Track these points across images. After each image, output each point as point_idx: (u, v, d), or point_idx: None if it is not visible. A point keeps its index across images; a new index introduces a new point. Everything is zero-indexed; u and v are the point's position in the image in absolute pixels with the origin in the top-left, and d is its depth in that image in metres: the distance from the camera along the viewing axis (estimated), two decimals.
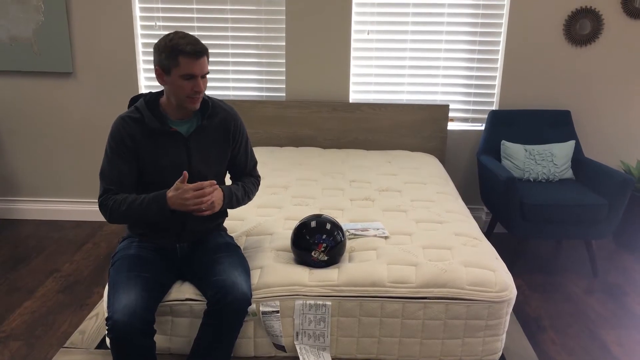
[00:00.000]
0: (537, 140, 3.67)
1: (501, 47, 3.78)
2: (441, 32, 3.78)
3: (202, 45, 1.92)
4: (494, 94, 3.88)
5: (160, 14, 3.79)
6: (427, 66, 3.84)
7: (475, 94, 3.88)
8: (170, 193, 1.91)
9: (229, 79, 3.90)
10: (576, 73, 3.76)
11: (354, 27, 3.78)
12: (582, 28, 3.67)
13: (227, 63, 3.87)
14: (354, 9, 3.74)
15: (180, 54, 1.88)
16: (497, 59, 3.81)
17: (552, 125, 3.70)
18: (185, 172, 1.90)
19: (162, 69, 1.93)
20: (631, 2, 3.60)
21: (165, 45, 1.89)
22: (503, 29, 3.75)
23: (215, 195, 1.95)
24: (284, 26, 3.76)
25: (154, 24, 3.81)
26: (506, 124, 3.70)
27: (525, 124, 3.70)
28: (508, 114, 3.72)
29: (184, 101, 1.95)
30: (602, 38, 3.68)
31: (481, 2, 3.71)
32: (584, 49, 3.72)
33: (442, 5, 3.72)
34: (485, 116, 3.88)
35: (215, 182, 1.95)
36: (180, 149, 2.03)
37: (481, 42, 3.78)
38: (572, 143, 3.57)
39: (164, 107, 2.03)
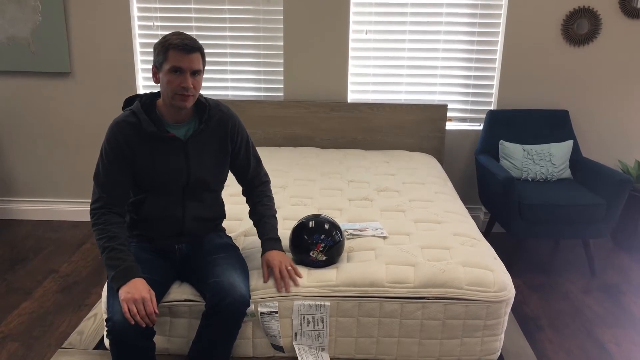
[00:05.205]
0: (535, 140, 3.67)
1: (499, 47, 3.78)
2: (439, 32, 3.78)
3: (195, 42, 1.90)
4: (492, 93, 3.88)
5: (159, 14, 3.78)
6: (425, 66, 3.84)
7: (474, 94, 3.89)
8: (125, 287, 1.78)
9: (227, 79, 3.90)
10: (574, 73, 3.77)
11: (352, 26, 3.78)
12: (580, 28, 3.67)
13: (225, 63, 3.86)
14: (352, 8, 3.74)
15: (170, 47, 1.87)
16: (495, 58, 3.81)
17: (550, 125, 3.71)
18: (156, 311, 1.80)
19: (156, 66, 1.93)
20: (629, 2, 3.60)
21: (160, 43, 1.91)
22: (501, 29, 3.75)
23: (285, 264, 2.04)
24: (282, 26, 3.76)
25: (152, 23, 3.80)
26: (504, 123, 3.70)
27: (523, 123, 3.70)
28: (506, 113, 3.72)
29: (173, 98, 1.91)
30: (600, 38, 3.69)
31: (479, 2, 3.71)
32: (582, 49, 3.72)
33: (440, 5, 3.72)
34: (484, 116, 3.88)
35: (155, 319, 1.80)
36: (179, 154, 1.99)
37: (479, 42, 3.79)
38: (570, 143, 3.57)
39: (161, 110, 1.99)
